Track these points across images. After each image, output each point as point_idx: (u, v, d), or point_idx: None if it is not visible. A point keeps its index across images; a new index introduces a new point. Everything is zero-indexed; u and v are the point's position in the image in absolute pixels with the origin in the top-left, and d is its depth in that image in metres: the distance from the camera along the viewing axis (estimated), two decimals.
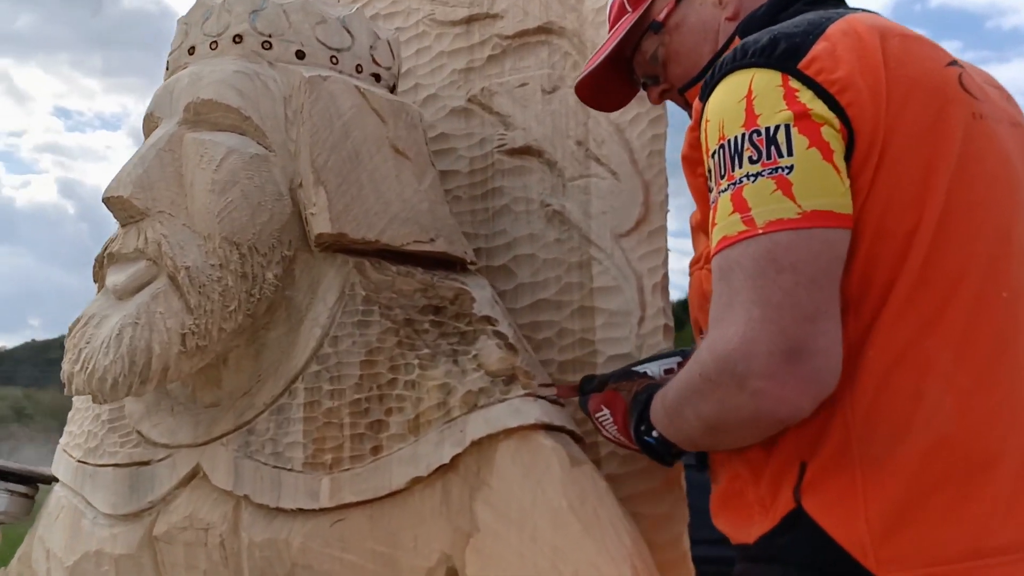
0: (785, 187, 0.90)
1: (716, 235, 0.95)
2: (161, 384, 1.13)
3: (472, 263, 1.37)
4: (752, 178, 0.91)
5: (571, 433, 1.23)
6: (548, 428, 1.18)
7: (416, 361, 1.18)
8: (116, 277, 1.17)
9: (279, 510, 1.15)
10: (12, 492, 1.46)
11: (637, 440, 1.13)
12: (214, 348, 1.15)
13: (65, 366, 1.15)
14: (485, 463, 1.14)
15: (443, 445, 1.14)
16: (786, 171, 0.90)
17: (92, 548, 1.24)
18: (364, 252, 1.25)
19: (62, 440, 1.44)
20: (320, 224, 1.19)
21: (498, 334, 1.24)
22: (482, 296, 1.29)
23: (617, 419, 1.17)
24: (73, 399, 1.43)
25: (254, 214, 1.18)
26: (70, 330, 1.18)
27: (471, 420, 1.15)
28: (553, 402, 1.23)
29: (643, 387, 1.16)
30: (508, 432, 1.15)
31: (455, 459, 1.13)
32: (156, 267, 1.15)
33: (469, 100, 1.55)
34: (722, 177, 0.94)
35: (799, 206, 0.89)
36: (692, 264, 1.14)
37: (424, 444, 1.15)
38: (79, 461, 1.31)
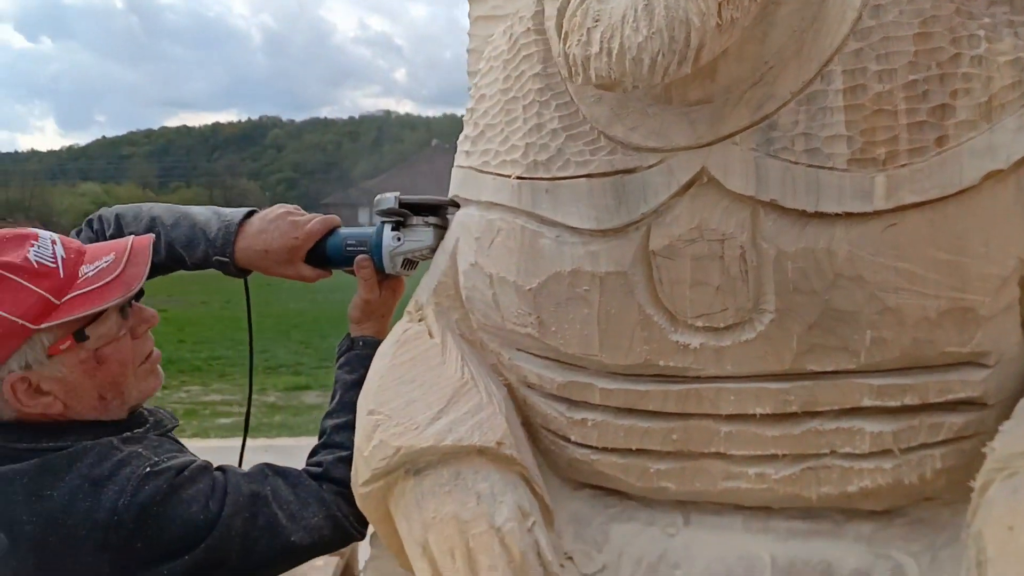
0: None
1: None
2: (696, 66, 0.94)
3: None
4: None
5: None
6: None
7: (981, 32, 0.97)
8: None
9: (815, 215, 0.99)
10: (433, 225, 1.35)
11: None
12: (742, 24, 0.95)
13: (574, 50, 0.96)
14: None
15: (1022, 133, 0.95)
16: None
17: (564, 268, 1.10)
18: None
19: (463, 161, 1.28)
20: None
21: None
22: None
23: None
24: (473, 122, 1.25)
25: None
26: (560, 14, 0.99)
27: None
28: None
29: None
30: None
31: None
32: None
33: None
34: None
35: None
36: None
37: (1000, 132, 0.95)
38: (522, 177, 1.15)
